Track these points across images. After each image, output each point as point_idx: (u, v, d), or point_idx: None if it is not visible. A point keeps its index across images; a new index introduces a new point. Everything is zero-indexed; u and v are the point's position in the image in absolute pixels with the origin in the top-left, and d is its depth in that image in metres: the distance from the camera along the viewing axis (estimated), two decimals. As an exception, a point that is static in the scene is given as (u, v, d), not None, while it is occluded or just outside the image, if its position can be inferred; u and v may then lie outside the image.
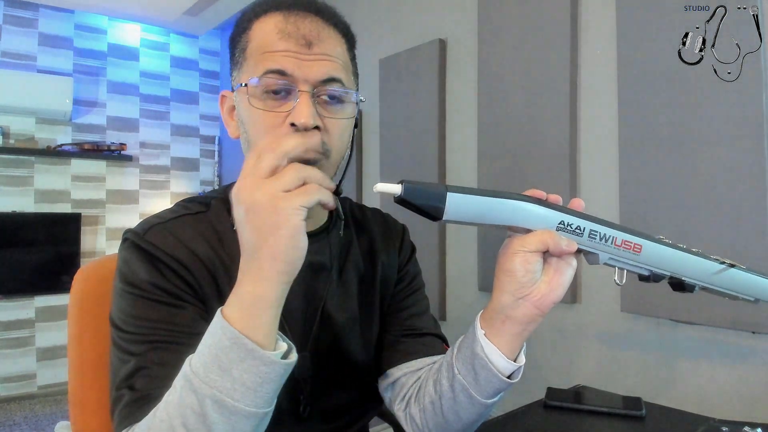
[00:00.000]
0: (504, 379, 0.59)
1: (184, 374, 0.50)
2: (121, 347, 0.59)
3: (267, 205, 0.47)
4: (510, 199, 0.52)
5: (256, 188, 0.48)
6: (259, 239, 0.48)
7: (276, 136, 0.57)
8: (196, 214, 0.69)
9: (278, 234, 0.48)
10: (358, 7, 2.82)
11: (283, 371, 0.51)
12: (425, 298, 0.85)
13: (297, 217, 0.48)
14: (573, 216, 0.53)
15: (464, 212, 0.50)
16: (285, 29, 0.62)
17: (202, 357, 0.49)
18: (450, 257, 2.29)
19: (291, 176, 0.48)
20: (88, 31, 3.46)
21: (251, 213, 0.48)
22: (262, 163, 0.49)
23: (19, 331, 3.13)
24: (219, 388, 0.48)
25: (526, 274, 0.54)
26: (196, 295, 0.63)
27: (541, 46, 1.87)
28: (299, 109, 0.61)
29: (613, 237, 0.53)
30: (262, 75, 0.61)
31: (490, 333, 0.59)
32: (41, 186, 3.24)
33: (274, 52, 0.62)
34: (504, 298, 0.56)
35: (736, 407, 1.39)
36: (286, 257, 0.49)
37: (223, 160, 4.05)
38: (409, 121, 2.45)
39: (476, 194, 0.50)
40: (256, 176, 0.48)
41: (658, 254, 0.55)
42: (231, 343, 0.48)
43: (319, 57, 0.62)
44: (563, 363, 1.86)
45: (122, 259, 0.63)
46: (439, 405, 0.65)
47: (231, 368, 0.48)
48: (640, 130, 1.60)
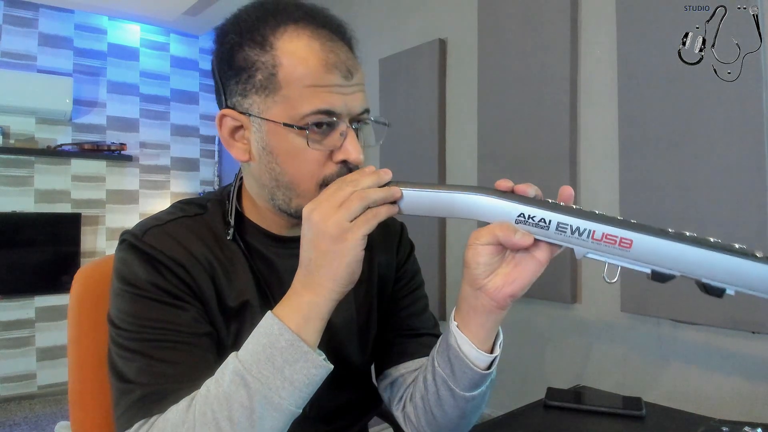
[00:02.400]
0: (477, 370, 0.60)
1: (234, 370, 0.53)
2: (121, 345, 0.59)
3: (336, 234, 0.52)
4: (463, 193, 0.53)
5: (329, 217, 0.53)
6: (323, 261, 0.54)
7: (362, 174, 0.56)
8: (194, 216, 0.69)
9: (342, 261, 0.53)
10: (358, 6, 2.82)
11: (325, 374, 0.56)
12: (425, 297, 0.85)
13: (359, 248, 0.53)
14: (537, 208, 0.50)
15: (418, 206, 0.54)
16: (328, 59, 0.59)
17: (255, 354, 0.53)
18: (450, 257, 2.29)
19: (356, 207, 0.53)
20: (88, 31, 3.45)
21: (320, 237, 0.53)
22: (339, 193, 0.54)
23: (19, 331, 3.12)
24: (270, 385, 0.52)
25: (478, 266, 0.55)
26: (196, 296, 0.63)
27: (541, 46, 1.87)
28: (350, 146, 0.61)
29: (589, 230, 0.47)
30: (310, 114, 0.58)
31: (461, 324, 0.61)
32: (41, 186, 3.24)
33: (321, 87, 0.58)
34: (465, 289, 0.59)
35: (736, 407, 1.39)
36: (344, 281, 0.54)
37: (223, 160, 4.04)
38: (409, 121, 2.45)
39: (427, 189, 0.54)
40: (331, 204, 0.53)
41: (657, 250, 0.46)
42: (288, 345, 0.53)
43: (357, 88, 0.62)
44: (563, 363, 1.86)
45: (120, 260, 0.63)
46: (427, 400, 0.66)
47: (284, 368, 0.52)
48: (640, 129, 1.59)
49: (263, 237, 0.70)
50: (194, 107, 3.92)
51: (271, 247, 0.70)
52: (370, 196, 0.53)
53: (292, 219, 0.66)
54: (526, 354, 1.97)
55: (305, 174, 0.61)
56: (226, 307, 0.66)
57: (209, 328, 0.63)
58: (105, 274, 0.78)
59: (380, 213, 0.54)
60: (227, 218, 0.69)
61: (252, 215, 0.71)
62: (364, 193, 0.53)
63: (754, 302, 1.33)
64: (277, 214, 0.67)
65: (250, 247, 0.69)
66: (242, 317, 0.67)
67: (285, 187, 0.63)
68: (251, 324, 0.67)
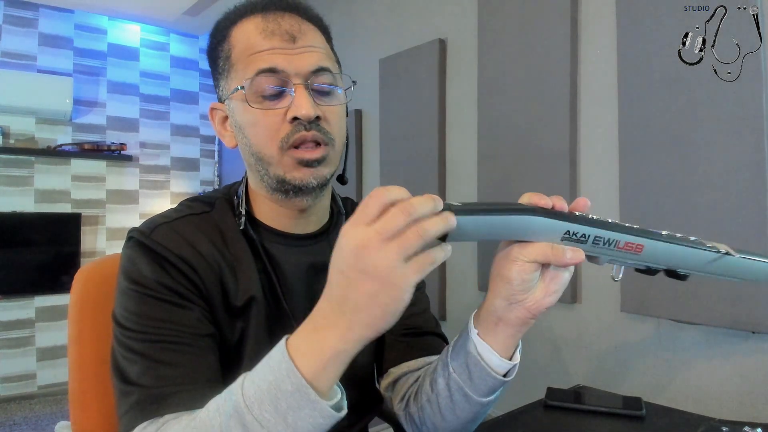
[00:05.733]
0: (498, 377, 0.59)
1: (235, 404, 0.48)
2: (125, 345, 0.59)
3: (385, 276, 0.42)
4: (517, 215, 0.49)
5: (377, 251, 0.42)
6: (362, 304, 0.44)
7: (417, 199, 0.45)
8: (201, 214, 0.69)
9: (386, 309, 0.44)
10: (358, 7, 2.82)
11: (334, 423, 0.49)
12: (426, 297, 0.85)
13: (410, 296, 0.44)
14: (578, 224, 0.52)
15: (470, 233, 0.47)
16: (267, 28, 0.63)
17: (259, 392, 0.47)
18: (450, 257, 2.29)
19: (415, 245, 0.42)
20: (88, 31, 3.46)
21: (363, 276, 0.43)
22: (391, 221, 0.42)
23: (19, 331, 3.12)
24: (270, 429, 0.46)
25: (522, 282, 0.53)
26: (201, 295, 0.63)
27: (541, 46, 1.87)
28: (298, 102, 0.62)
29: (616, 241, 0.52)
30: (254, 76, 0.62)
31: (483, 333, 0.59)
32: (41, 186, 3.24)
33: (261, 51, 0.63)
34: (497, 302, 0.56)
35: (736, 407, 1.39)
36: (382, 329, 0.46)
37: (223, 160, 4.05)
38: (409, 121, 2.45)
39: (480, 213, 0.47)
40: (381, 235, 0.42)
41: (658, 251, 0.54)
42: (294, 389, 0.46)
43: (305, 49, 0.64)
44: (563, 363, 1.86)
45: (127, 258, 0.63)
46: (437, 404, 0.65)
47: (287, 414, 0.47)
48: (640, 129, 1.59)
49: (270, 234, 0.71)
50: (194, 107, 3.92)
51: (277, 244, 0.71)
52: (430, 233, 0.42)
53: (288, 198, 0.67)
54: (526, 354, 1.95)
55: (266, 139, 0.64)
56: (232, 306, 0.66)
57: (212, 328, 0.63)
58: (105, 274, 0.78)
59: (438, 258, 0.44)
60: (238, 209, 0.70)
61: (259, 213, 0.71)
62: (422, 229, 0.42)
63: (754, 302, 1.33)
64: (277, 201, 0.68)
65: (257, 242, 0.69)
66: (248, 315, 0.67)
67: (258, 159, 0.66)
68: (256, 321, 0.67)
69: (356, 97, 3.25)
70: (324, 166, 0.65)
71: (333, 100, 0.66)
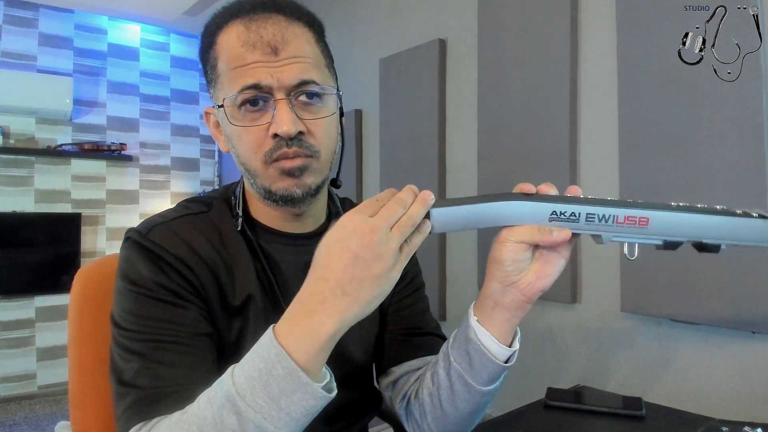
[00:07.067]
0: (498, 363, 0.60)
1: (227, 393, 0.48)
2: (123, 346, 0.59)
3: (391, 262, 0.49)
4: (494, 202, 0.52)
5: (389, 240, 0.49)
6: (368, 284, 0.49)
7: (408, 193, 0.52)
8: (198, 214, 0.69)
9: (383, 289, 0.50)
10: (358, 7, 2.82)
11: (326, 404, 0.51)
12: (425, 298, 0.85)
13: (397, 273, 0.50)
14: (566, 203, 0.52)
15: (452, 223, 0.52)
16: (248, 39, 0.62)
17: (250, 379, 0.48)
18: (450, 257, 2.29)
19: (407, 233, 0.50)
20: (88, 31, 3.46)
21: (374, 260, 0.48)
22: (394, 212, 0.50)
23: (19, 331, 3.12)
24: (264, 414, 0.47)
25: (513, 263, 0.56)
26: (199, 295, 0.63)
27: (541, 46, 1.87)
28: (279, 119, 0.61)
29: (613, 216, 0.52)
30: (237, 93, 0.61)
31: (481, 319, 0.61)
32: (41, 186, 3.24)
33: (243, 66, 0.62)
34: (493, 285, 0.58)
35: (736, 407, 1.39)
36: (373, 307, 0.50)
37: (223, 160, 4.04)
38: (409, 121, 2.45)
39: (459, 204, 0.51)
40: (388, 225, 0.49)
41: (670, 222, 0.52)
42: (285, 373, 0.48)
43: (288, 61, 0.62)
44: (563, 363, 1.86)
45: (124, 258, 0.63)
46: (437, 396, 0.66)
47: (280, 398, 0.48)
48: (640, 129, 1.59)
49: (267, 234, 0.71)
50: (194, 107, 3.93)
51: (275, 244, 0.71)
52: (415, 218, 0.50)
53: (279, 207, 0.67)
54: (526, 354, 1.97)
55: (251, 152, 0.64)
56: (229, 305, 0.66)
57: (210, 328, 0.63)
58: (105, 274, 0.78)
59: (416, 242, 0.52)
60: (235, 210, 0.70)
61: (256, 214, 0.72)
62: (411, 216, 0.50)
63: (754, 302, 1.33)
64: (269, 205, 0.68)
65: (254, 242, 0.69)
66: (246, 314, 0.67)
67: (246, 169, 0.66)
68: (254, 320, 0.67)
69: (356, 97, 3.25)
70: (307, 176, 0.64)
71: (319, 112, 0.65)
